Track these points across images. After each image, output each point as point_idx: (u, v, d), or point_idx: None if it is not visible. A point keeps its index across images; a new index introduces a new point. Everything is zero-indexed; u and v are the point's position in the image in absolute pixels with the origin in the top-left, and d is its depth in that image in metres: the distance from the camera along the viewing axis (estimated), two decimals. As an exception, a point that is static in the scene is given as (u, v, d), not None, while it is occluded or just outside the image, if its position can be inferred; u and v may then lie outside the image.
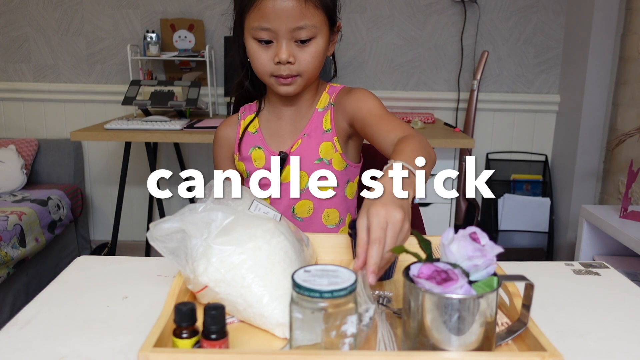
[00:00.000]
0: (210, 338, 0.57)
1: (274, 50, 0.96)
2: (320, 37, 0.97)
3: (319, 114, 1.08)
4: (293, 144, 1.07)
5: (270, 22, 0.93)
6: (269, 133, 1.10)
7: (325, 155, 1.06)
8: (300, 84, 1.00)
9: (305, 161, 1.06)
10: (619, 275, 0.89)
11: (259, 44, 0.96)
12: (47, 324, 0.69)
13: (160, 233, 0.68)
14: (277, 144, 1.09)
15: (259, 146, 1.09)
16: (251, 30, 0.96)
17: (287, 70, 0.96)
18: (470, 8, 2.74)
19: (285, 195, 1.06)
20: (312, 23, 0.94)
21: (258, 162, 1.08)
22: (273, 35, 0.94)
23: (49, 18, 2.78)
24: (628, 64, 2.47)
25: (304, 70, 0.97)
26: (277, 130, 1.10)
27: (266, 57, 0.97)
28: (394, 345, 0.63)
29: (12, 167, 2.48)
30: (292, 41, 0.95)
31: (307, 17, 0.93)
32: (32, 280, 2.26)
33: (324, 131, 1.06)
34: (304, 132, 1.07)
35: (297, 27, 0.93)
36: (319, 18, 0.95)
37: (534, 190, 2.87)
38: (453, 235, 0.60)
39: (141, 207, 2.99)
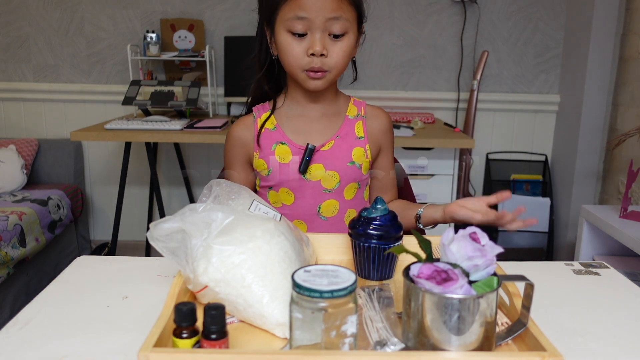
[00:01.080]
0: (210, 338, 0.57)
1: (308, 42, 0.97)
2: (351, 33, 0.99)
3: (350, 121, 1.11)
4: (325, 144, 1.08)
5: (307, 11, 0.94)
6: (291, 129, 1.09)
7: (357, 159, 1.09)
8: (328, 79, 1.01)
9: (338, 162, 1.08)
10: (619, 275, 0.89)
11: (293, 37, 0.97)
12: (47, 324, 0.69)
13: (160, 233, 0.68)
14: (303, 140, 1.08)
15: (282, 142, 1.08)
16: (285, 21, 0.97)
17: (320, 62, 0.97)
18: (470, 8, 2.74)
19: (313, 193, 1.08)
20: (346, 16, 0.96)
21: (284, 158, 1.07)
22: (308, 26, 0.95)
23: (49, 18, 2.78)
24: (628, 64, 2.47)
25: (334, 65, 0.99)
26: (302, 127, 1.10)
27: (299, 50, 0.97)
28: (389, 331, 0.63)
29: (12, 167, 2.48)
30: (326, 34, 0.97)
31: (342, 9, 0.96)
32: (32, 280, 2.26)
33: (356, 137, 1.10)
34: (337, 134, 1.09)
35: (332, 17, 0.95)
36: (352, 14, 0.98)
37: (534, 190, 2.87)
38: (453, 235, 0.60)
39: (141, 207, 2.99)
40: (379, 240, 0.81)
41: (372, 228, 0.81)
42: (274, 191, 1.09)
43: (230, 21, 2.78)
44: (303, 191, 1.08)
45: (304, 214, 1.09)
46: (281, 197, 1.09)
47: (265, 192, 1.12)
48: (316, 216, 1.09)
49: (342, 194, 1.10)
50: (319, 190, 1.08)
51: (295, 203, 1.09)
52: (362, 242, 0.82)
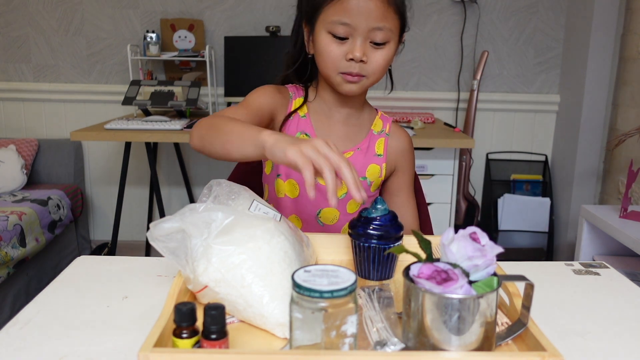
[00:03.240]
0: (210, 338, 0.57)
1: (348, 46, 0.95)
2: (392, 43, 0.97)
3: (374, 136, 1.10)
4: (344, 152, 1.06)
5: (351, 18, 0.92)
6: (318, 125, 1.08)
7: (370, 176, 1.08)
8: (363, 85, 0.99)
9: None
10: (619, 275, 0.89)
11: (333, 39, 0.95)
12: (47, 324, 0.69)
13: (160, 233, 0.68)
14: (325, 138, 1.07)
15: (306, 133, 1.06)
16: (328, 23, 0.94)
17: (358, 68, 0.95)
18: (470, 8, 2.74)
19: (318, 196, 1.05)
20: (389, 26, 0.94)
21: None
22: (350, 31, 0.93)
23: (49, 18, 2.78)
24: (628, 64, 2.47)
25: (372, 72, 0.97)
26: (328, 127, 1.08)
27: (339, 53, 0.95)
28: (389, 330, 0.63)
29: (12, 167, 2.48)
30: (367, 41, 0.95)
31: (387, 19, 0.93)
32: (32, 280, 2.26)
33: (375, 154, 1.09)
34: (357, 146, 1.08)
35: (375, 27, 0.93)
36: (396, 24, 0.96)
37: (534, 190, 2.87)
38: (453, 235, 0.60)
39: (141, 207, 2.99)
40: (379, 240, 0.81)
41: (372, 228, 0.81)
42: (281, 180, 1.07)
43: (230, 21, 2.78)
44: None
45: (303, 212, 1.08)
46: (286, 188, 1.08)
47: (273, 178, 1.09)
48: (314, 219, 1.09)
49: (345, 206, 1.09)
50: (324, 195, 1.05)
51: (297, 199, 1.08)
52: (362, 242, 0.82)
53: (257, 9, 2.78)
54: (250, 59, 2.65)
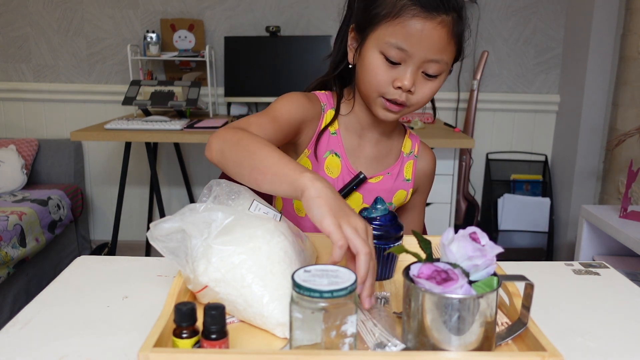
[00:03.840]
0: (210, 338, 0.57)
1: (398, 73, 0.86)
2: (443, 75, 0.90)
3: (403, 159, 1.06)
4: (373, 176, 1.02)
5: (410, 45, 0.84)
6: (348, 144, 1.01)
7: (396, 201, 1.05)
8: (403, 113, 0.92)
9: None
10: (619, 275, 0.89)
11: (385, 61, 0.86)
12: (47, 324, 0.69)
13: (160, 233, 0.68)
14: (353, 160, 1.01)
15: (336, 153, 0.99)
16: (382, 43, 0.85)
17: (405, 98, 0.88)
18: (470, 8, 2.74)
19: None
20: (447, 59, 0.87)
21: (332, 171, 0.99)
22: (404, 57, 0.85)
23: (49, 18, 2.78)
24: (628, 64, 2.47)
25: (415, 102, 0.90)
26: (358, 147, 1.02)
27: (386, 78, 0.87)
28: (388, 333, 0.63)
29: (12, 167, 2.48)
30: (420, 71, 0.87)
31: (446, 52, 0.86)
32: (32, 280, 2.27)
33: (404, 179, 1.06)
34: (388, 171, 1.04)
35: (432, 60, 0.85)
36: (452, 56, 0.89)
37: (534, 190, 2.87)
38: (453, 235, 0.60)
39: (141, 207, 2.99)
40: (379, 240, 0.81)
41: (372, 228, 0.81)
42: None
43: (230, 21, 2.78)
44: None
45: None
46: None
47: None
48: None
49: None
50: None
51: None
52: (362, 242, 0.82)
53: (257, 9, 2.78)
54: (250, 59, 2.65)
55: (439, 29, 0.83)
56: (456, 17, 0.85)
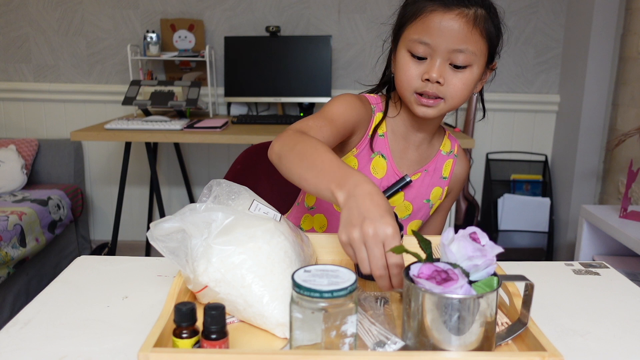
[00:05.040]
0: (210, 338, 0.57)
1: (426, 67, 0.90)
2: (476, 66, 0.92)
3: (442, 157, 1.08)
4: (413, 174, 1.05)
5: (432, 38, 0.88)
6: (394, 146, 1.04)
7: (433, 198, 1.07)
8: (441, 109, 0.94)
9: (417, 196, 1.05)
10: (619, 275, 0.89)
11: (412, 58, 0.91)
12: (47, 324, 0.69)
13: (160, 233, 0.68)
14: (398, 162, 1.04)
15: (382, 154, 1.02)
16: (408, 41, 0.91)
17: (435, 89, 0.90)
18: (470, 8, 2.74)
19: None
20: (472, 49, 0.89)
21: (377, 171, 1.02)
22: (429, 51, 0.89)
23: (49, 18, 2.78)
24: (628, 64, 2.47)
25: (450, 95, 0.92)
26: (404, 149, 1.05)
27: (415, 72, 0.91)
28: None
29: (12, 167, 2.48)
30: (447, 63, 0.90)
31: (470, 42, 0.88)
32: (32, 280, 2.27)
33: (441, 176, 1.08)
34: (425, 168, 1.06)
35: (456, 49, 0.88)
36: (481, 47, 0.91)
37: (534, 190, 2.87)
38: (453, 235, 0.60)
39: (141, 207, 2.99)
40: (379, 240, 0.81)
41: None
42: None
43: (230, 21, 2.78)
44: None
45: None
46: None
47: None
48: None
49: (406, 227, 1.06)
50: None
51: None
52: (362, 242, 0.82)
53: (257, 9, 2.78)
54: (250, 59, 2.65)
55: (457, 20, 0.87)
56: (479, 10, 0.90)
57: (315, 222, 1.09)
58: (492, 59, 0.97)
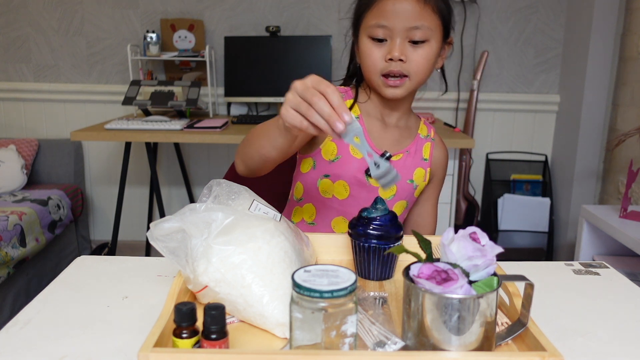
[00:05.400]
0: (210, 338, 0.57)
1: (387, 48, 0.97)
2: (433, 41, 0.97)
3: (421, 140, 1.12)
4: (394, 154, 1.08)
5: (388, 20, 0.95)
6: (371, 127, 1.08)
7: (417, 179, 1.10)
8: (408, 87, 0.99)
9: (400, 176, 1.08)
10: (619, 275, 0.89)
11: (373, 42, 0.98)
12: (47, 324, 0.69)
13: (160, 233, 0.68)
14: (377, 142, 1.08)
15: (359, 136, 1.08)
16: (367, 28, 0.98)
17: (398, 67, 0.96)
18: (470, 8, 2.74)
19: (367, 197, 1.06)
20: (428, 25, 0.95)
21: (356, 152, 1.06)
22: (388, 33, 0.96)
23: (49, 18, 2.78)
24: (628, 64, 2.47)
25: (413, 71, 0.97)
26: (381, 130, 1.09)
27: (378, 55, 0.97)
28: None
29: (12, 167, 2.48)
30: (406, 41, 0.96)
31: (424, 18, 0.95)
32: (32, 280, 2.27)
33: (422, 158, 1.12)
34: (407, 149, 1.10)
35: (412, 27, 0.94)
36: (435, 22, 0.97)
37: (534, 190, 2.87)
38: (453, 235, 0.60)
39: (141, 207, 2.99)
40: (379, 240, 0.81)
41: (372, 228, 0.81)
42: (330, 180, 1.06)
43: (230, 21, 2.78)
44: (359, 191, 1.06)
45: (351, 213, 1.07)
46: (335, 189, 1.07)
47: (316, 178, 1.08)
48: None
49: (392, 208, 1.09)
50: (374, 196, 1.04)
51: (347, 200, 1.07)
52: (362, 242, 0.82)
53: (257, 9, 2.78)
54: (250, 59, 2.65)
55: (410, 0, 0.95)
56: None
57: (304, 212, 1.12)
58: (447, 34, 1.02)
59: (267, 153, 0.87)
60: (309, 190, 1.10)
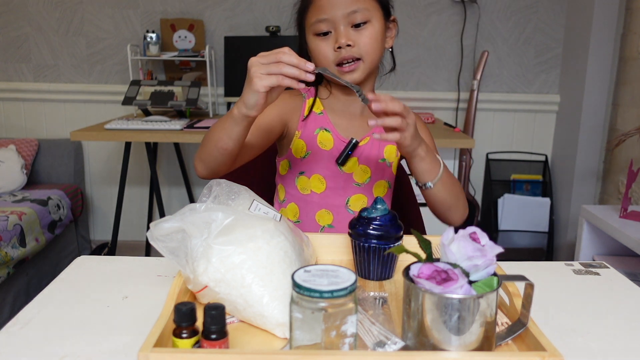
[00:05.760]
0: (210, 338, 0.57)
1: (333, 38, 1.00)
2: (374, 21, 1.01)
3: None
4: (362, 139, 1.10)
5: (327, 13, 0.99)
6: (336, 120, 1.11)
7: (388, 156, 1.13)
8: (362, 69, 1.02)
9: (371, 158, 1.10)
10: (619, 275, 0.89)
11: (319, 37, 1.02)
12: (47, 324, 0.69)
13: (160, 233, 0.68)
14: (344, 132, 1.10)
15: (326, 129, 1.10)
16: (311, 26, 1.02)
17: (349, 52, 0.99)
18: (470, 8, 2.74)
19: (344, 185, 1.10)
20: (364, 6, 0.99)
21: (325, 144, 1.09)
22: (330, 24, 1.00)
23: (49, 18, 2.78)
24: (628, 64, 2.47)
25: (364, 52, 1.01)
26: (346, 120, 1.11)
27: (327, 48, 1.01)
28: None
29: (12, 167, 2.48)
30: (349, 27, 1.00)
31: (359, 2, 0.99)
32: (32, 280, 2.26)
33: None
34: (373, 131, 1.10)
35: (351, 12, 0.98)
36: (371, 4, 1.01)
37: (534, 190, 2.87)
38: (453, 235, 0.60)
39: (141, 207, 2.99)
40: (379, 240, 0.81)
41: (372, 228, 0.81)
42: (305, 177, 1.10)
43: (230, 21, 2.78)
44: (335, 181, 1.09)
45: (333, 204, 1.11)
46: (312, 184, 1.10)
47: (293, 177, 1.11)
48: (344, 208, 1.11)
49: (371, 190, 1.12)
50: (350, 182, 1.10)
51: (325, 192, 1.10)
52: (362, 242, 0.82)
53: (257, 9, 2.78)
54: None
55: None
56: None
57: (289, 212, 1.14)
58: (388, 13, 1.06)
59: (225, 145, 0.90)
60: (290, 190, 1.13)
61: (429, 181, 0.96)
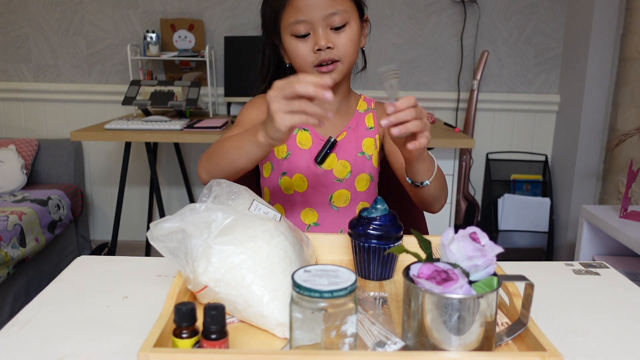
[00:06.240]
0: (210, 338, 0.57)
1: (312, 40, 1.00)
2: (353, 22, 1.01)
3: (361, 114, 1.15)
4: (338, 135, 1.11)
5: (305, 14, 0.98)
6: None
7: (367, 150, 1.13)
8: (341, 70, 1.03)
9: (349, 152, 1.11)
10: (619, 275, 0.89)
11: (297, 39, 1.01)
12: (47, 324, 0.69)
13: (160, 233, 0.68)
14: (321, 131, 1.12)
15: (304, 128, 1.11)
16: (288, 27, 1.01)
17: (328, 54, 1.00)
18: (470, 8, 2.74)
19: (325, 182, 1.10)
20: (343, 8, 0.99)
21: (304, 144, 1.10)
22: (309, 26, 0.99)
23: (49, 18, 2.78)
24: (628, 64, 2.47)
25: (343, 54, 1.01)
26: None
27: (306, 49, 1.01)
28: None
29: (12, 167, 2.48)
30: (328, 29, 1.00)
31: (337, 3, 0.99)
32: (32, 280, 2.26)
33: (367, 128, 1.14)
34: (349, 126, 1.13)
35: (330, 14, 0.98)
36: (349, 5, 1.01)
37: (534, 190, 2.87)
38: (453, 235, 0.60)
39: (141, 207, 2.99)
40: (379, 240, 0.81)
41: (372, 228, 0.81)
42: (288, 177, 1.11)
43: (230, 21, 2.78)
44: (316, 179, 1.10)
45: (316, 202, 1.11)
46: (294, 184, 1.11)
47: (277, 178, 1.12)
48: (328, 205, 1.12)
49: (353, 185, 1.12)
50: (331, 179, 1.10)
51: (308, 191, 1.11)
52: (362, 242, 0.82)
53: (257, 9, 2.76)
54: (250, 59, 2.65)
55: None
56: None
57: None
58: (362, 13, 1.06)
59: (242, 165, 0.90)
60: (274, 192, 1.14)
61: (426, 179, 0.95)
